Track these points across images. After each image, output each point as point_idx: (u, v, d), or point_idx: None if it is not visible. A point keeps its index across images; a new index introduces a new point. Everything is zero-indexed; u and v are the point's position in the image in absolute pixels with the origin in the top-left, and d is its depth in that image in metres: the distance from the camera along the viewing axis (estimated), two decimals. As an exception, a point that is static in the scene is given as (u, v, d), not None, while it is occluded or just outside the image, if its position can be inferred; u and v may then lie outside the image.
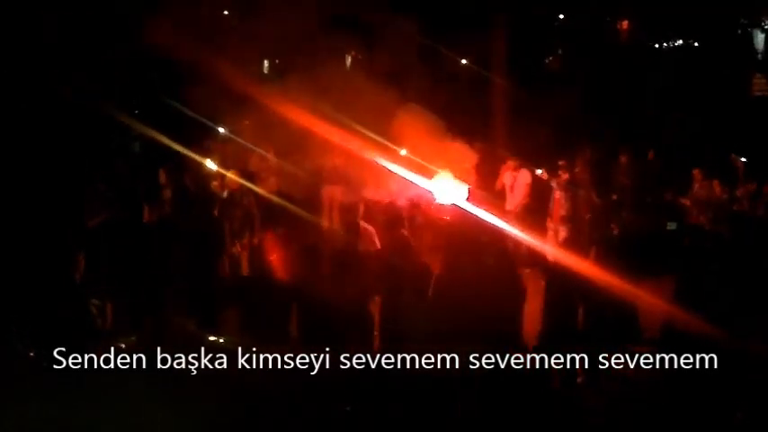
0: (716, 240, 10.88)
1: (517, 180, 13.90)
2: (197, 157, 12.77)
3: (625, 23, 17.36)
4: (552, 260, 11.42)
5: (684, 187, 13.11)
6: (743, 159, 12.68)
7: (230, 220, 11.40)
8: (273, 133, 13.77)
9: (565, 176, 13.27)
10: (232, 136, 14.06)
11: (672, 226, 12.45)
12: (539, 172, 13.76)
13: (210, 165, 12.50)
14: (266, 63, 16.08)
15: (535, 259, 11.38)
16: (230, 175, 12.09)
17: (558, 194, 13.35)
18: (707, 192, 12.72)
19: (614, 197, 13.55)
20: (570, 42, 16.85)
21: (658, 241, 11.89)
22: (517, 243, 13.54)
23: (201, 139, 13.52)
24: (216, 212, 11.11)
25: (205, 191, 12.09)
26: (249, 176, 12.54)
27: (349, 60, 15.78)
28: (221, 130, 14.12)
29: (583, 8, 17.00)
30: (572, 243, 12.12)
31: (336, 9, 14.48)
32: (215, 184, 12.49)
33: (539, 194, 13.70)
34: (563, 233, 13.17)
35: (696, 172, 13.01)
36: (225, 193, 11.97)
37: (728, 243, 10.49)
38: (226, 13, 16.08)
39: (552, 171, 13.47)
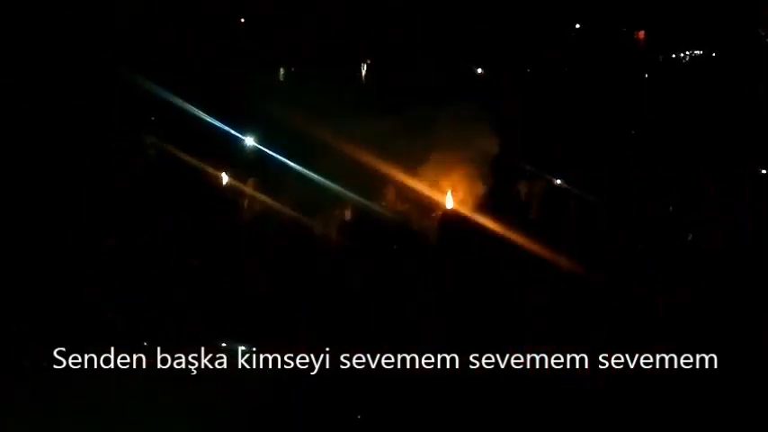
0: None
1: (533, 190, 13.89)
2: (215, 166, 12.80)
3: (642, 33, 17.28)
4: (569, 270, 11.42)
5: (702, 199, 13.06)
6: (764, 171, 12.69)
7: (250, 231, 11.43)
8: (290, 142, 13.88)
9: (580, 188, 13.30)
10: (253, 144, 14.12)
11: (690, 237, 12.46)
12: (558, 182, 13.77)
13: (226, 176, 12.52)
14: (282, 71, 16.18)
15: (551, 269, 11.36)
16: (250, 184, 12.14)
17: (573, 205, 13.35)
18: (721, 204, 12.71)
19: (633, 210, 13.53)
20: (586, 51, 16.83)
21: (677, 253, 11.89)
22: (531, 252, 13.61)
23: (222, 149, 13.56)
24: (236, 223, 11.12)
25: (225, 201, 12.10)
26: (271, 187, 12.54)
27: (364, 69, 15.86)
28: (244, 138, 14.17)
29: (599, 18, 16.97)
30: (587, 253, 12.12)
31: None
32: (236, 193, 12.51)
33: (554, 205, 13.69)
34: (578, 243, 13.15)
35: (711, 185, 13.00)
36: (245, 203, 12.00)
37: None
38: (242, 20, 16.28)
39: (567, 182, 13.48)
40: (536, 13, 16.22)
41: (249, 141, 14.35)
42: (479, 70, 15.61)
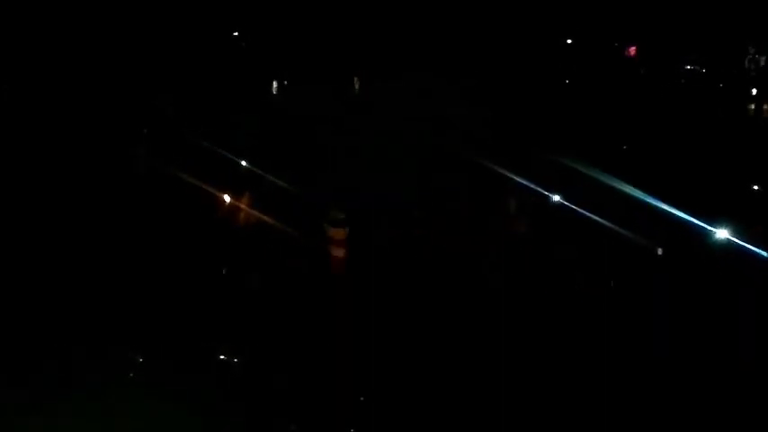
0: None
1: (523, 201, 13.90)
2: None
3: (633, 49, 17.45)
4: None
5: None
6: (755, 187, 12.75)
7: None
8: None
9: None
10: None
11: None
12: (556, 198, 13.71)
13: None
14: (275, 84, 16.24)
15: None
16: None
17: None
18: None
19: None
20: (578, 66, 16.99)
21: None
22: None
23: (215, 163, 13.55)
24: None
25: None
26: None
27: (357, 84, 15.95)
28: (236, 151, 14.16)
29: (591, 33, 17.14)
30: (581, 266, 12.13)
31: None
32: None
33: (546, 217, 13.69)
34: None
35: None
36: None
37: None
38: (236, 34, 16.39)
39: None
40: (528, 29, 16.37)
41: (242, 155, 14.34)
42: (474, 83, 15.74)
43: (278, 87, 16.18)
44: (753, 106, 16.06)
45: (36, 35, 14.00)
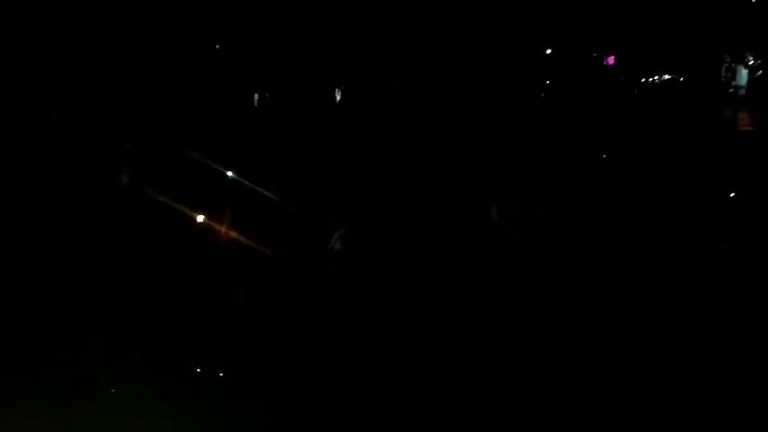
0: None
1: (508, 212, 13.98)
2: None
3: (611, 59, 17.68)
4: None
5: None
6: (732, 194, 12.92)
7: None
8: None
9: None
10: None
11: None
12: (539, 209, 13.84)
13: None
14: (256, 96, 16.30)
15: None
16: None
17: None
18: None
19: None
20: (557, 76, 17.16)
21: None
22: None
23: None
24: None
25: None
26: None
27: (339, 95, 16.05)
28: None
29: (569, 43, 17.34)
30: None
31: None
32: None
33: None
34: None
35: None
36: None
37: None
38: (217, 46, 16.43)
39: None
40: (508, 39, 16.54)
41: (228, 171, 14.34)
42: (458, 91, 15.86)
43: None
44: (730, 114, 16.33)
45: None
